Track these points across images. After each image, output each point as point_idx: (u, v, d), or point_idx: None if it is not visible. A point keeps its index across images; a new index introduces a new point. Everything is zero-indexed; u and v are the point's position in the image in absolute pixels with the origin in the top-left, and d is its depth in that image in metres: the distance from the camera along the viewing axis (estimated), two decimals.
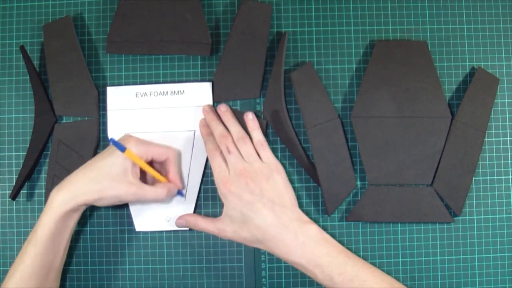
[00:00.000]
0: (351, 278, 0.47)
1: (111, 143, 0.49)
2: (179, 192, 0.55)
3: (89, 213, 0.57)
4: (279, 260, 0.56)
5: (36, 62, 0.59)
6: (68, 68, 0.57)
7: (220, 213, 0.53)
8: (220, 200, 0.57)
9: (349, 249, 0.56)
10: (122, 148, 0.49)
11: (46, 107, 0.57)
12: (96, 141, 0.57)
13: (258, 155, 0.52)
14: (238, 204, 0.50)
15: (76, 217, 0.50)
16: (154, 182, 0.54)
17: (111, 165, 0.49)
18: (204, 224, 0.53)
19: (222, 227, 0.52)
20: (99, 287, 0.57)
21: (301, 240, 0.48)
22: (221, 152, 0.53)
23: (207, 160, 0.57)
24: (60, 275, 0.52)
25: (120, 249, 0.57)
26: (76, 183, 0.49)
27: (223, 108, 0.56)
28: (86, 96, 0.57)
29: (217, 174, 0.52)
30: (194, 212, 0.57)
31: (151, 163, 0.53)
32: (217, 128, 0.54)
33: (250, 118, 0.55)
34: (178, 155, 0.56)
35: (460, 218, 0.57)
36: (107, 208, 0.57)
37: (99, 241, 0.57)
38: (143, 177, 0.53)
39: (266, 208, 0.49)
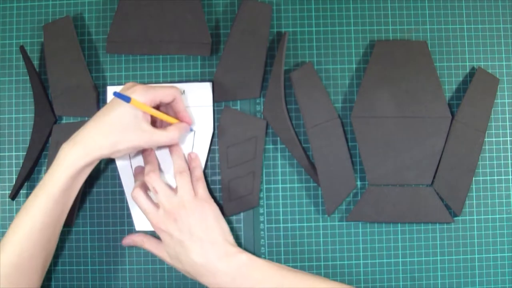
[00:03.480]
0: None
1: (114, 96, 0.48)
2: (190, 129, 0.56)
3: (89, 213, 0.57)
4: (278, 259, 0.56)
5: (36, 62, 0.59)
6: (68, 68, 0.57)
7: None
8: (220, 199, 0.57)
9: (349, 249, 0.56)
10: (127, 99, 0.47)
11: (46, 107, 0.57)
12: None
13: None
14: (170, 242, 0.50)
15: (88, 171, 0.50)
16: (163, 125, 0.54)
17: (121, 116, 0.48)
18: (149, 246, 0.54)
19: (163, 255, 0.53)
20: (99, 287, 0.57)
21: (231, 275, 0.48)
22: (145, 191, 0.53)
23: (207, 160, 0.57)
24: (60, 232, 0.51)
25: (120, 249, 0.57)
26: (90, 138, 0.48)
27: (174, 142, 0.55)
28: (86, 96, 0.57)
29: (147, 214, 0.52)
30: None
31: (158, 106, 0.53)
32: (147, 167, 0.53)
33: (192, 158, 0.56)
34: (181, 92, 0.55)
35: (460, 218, 0.57)
36: (107, 208, 0.57)
37: (99, 241, 0.57)
38: (153, 122, 0.53)
39: (195, 246, 0.49)
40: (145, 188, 0.53)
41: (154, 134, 0.50)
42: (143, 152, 0.56)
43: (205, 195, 0.53)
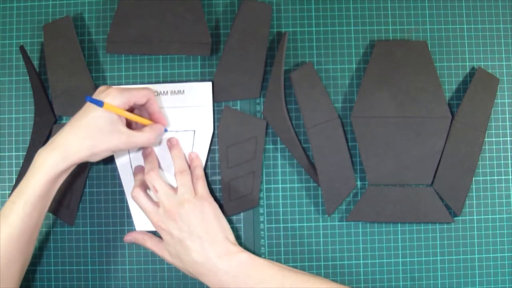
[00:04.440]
0: None
1: (87, 101, 0.48)
2: (165, 129, 0.56)
3: (89, 213, 0.57)
4: (278, 259, 0.56)
5: (36, 62, 0.59)
6: (68, 68, 0.57)
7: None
8: (221, 199, 0.57)
9: (349, 249, 0.56)
10: (100, 104, 0.47)
11: (46, 107, 0.57)
12: None
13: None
14: (171, 241, 0.51)
15: (65, 176, 0.50)
16: (137, 126, 0.54)
17: (97, 119, 0.48)
18: (150, 244, 0.54)
19: (164, 254, 0.53)
20: (99, 287, 0.57)
21: (232, 274, 0.48)
22: (144, 190, 0.53)
23: (207, 160, 0.57)
24: (37, 236, 0.51)
25: (120, 249, 0.57)
26: (67, 143, 0.48)
27: (173, 141, 0.56)
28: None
29: (147, 213, 0.52)
30: None
31: (132, 108, 0.53)
32: (147, 165, 0.54)
33: (193, 157, 0.56)
34: (155, 93, 0.55)
35: (460, 218, 0.57)
36: (107, 208, 0.57)
37: (99, 241, 0.57)
38: (128, 123, 0.53)
39: (195, 245, 0.49)
40: (144, 187, 0.53)
41: (131, 135, 0.50)
42: (143, 151, 0.56)
43: (205, 193, 0.53)
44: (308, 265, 0.57)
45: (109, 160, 0.57)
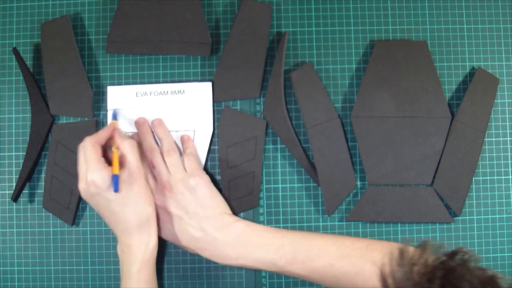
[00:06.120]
0: (293, 256, 0.48)
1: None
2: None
3: (89, 213, 0.57)
4: None
5: (35, 62, 0.59)
6: (65, 67, 0.57)
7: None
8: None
9: None
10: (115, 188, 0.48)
11: (43, 107, 0.57)
12: None
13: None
14: (167, 217, 0.52)
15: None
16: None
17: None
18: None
19: (164, 233, 0.53)
20: (99, 287, 0.57)
21: (231, 244, 0.50)
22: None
23: (207, 160, 0.57)
24: None
25: None
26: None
27: (155, 123, 0.56)
28: (81, 96, 0.57)
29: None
30: None
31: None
32: (145, 142, 0.55)
33: (185, 139, 0.56)
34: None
35: (460, 218, 0.57)
36: None
37: (99, 241, 0.57)
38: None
39: (192, 221, 0.51)
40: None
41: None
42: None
43: (196, 169, 0.53)
44: None
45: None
